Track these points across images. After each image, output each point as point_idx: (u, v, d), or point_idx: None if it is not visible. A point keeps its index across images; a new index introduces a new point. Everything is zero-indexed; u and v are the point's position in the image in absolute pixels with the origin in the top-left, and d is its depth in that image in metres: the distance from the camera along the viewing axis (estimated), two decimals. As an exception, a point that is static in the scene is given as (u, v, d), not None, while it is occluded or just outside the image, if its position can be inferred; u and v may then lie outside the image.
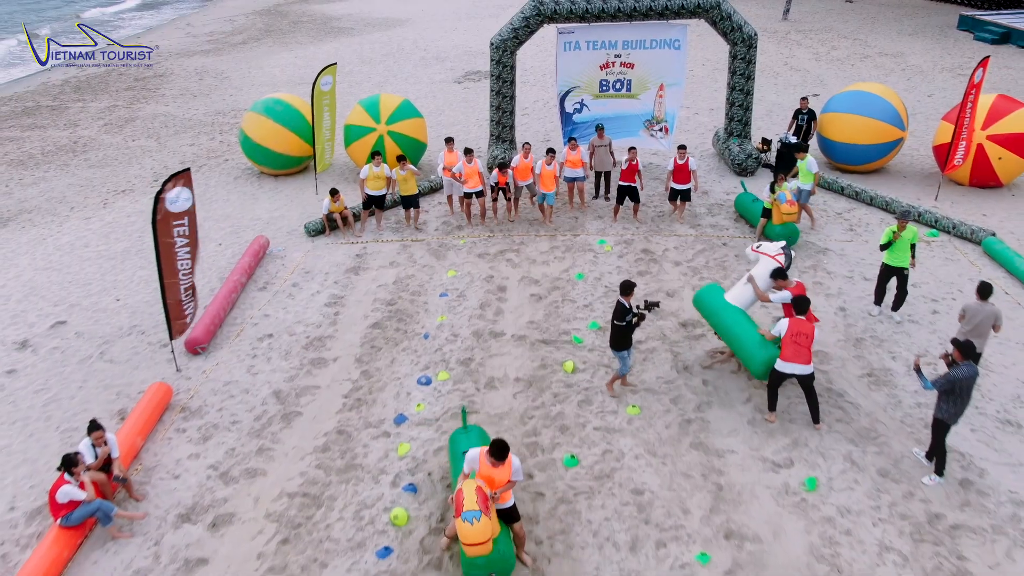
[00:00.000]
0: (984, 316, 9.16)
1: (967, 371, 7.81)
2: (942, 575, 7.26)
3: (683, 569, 7.36)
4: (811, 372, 8.92)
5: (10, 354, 11.39)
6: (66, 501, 7.61)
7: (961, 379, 7.77)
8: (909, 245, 11.06)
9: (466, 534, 6.55)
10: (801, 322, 8.86)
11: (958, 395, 7.87)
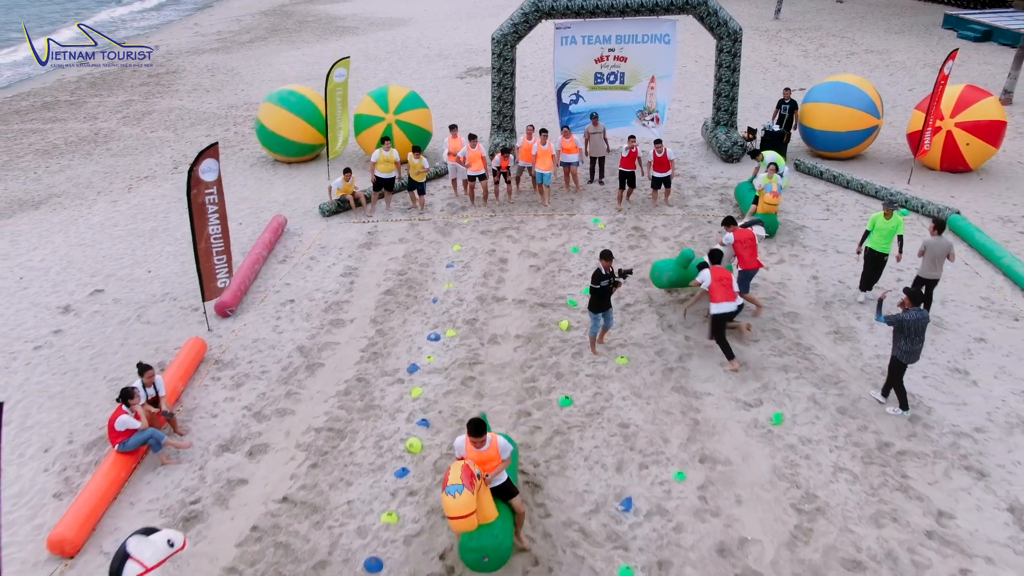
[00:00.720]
0: (940, 248, 10.80)
1: (915, 315, 8.93)
2: (887, 489, 8.37)
3: (662, 485, 8.47)
4: (740, 305, 10.53)
5: (55, 317, 12.50)
6: (123, 429, 8.71)
7: (909, 321, 8.90)
8: (895, 234, 11.51)
9: (449, 507, 6.56)
10: (720, 269, 10.41)
11: (907, 335, 8.99)
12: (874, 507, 8.13)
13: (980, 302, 12.16)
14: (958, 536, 7.76)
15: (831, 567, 7.42)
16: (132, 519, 8.22)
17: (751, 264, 11.40)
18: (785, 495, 8.31)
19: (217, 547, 7.85)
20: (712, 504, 8.20)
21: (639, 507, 8.18)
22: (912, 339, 9.03)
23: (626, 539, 7.79)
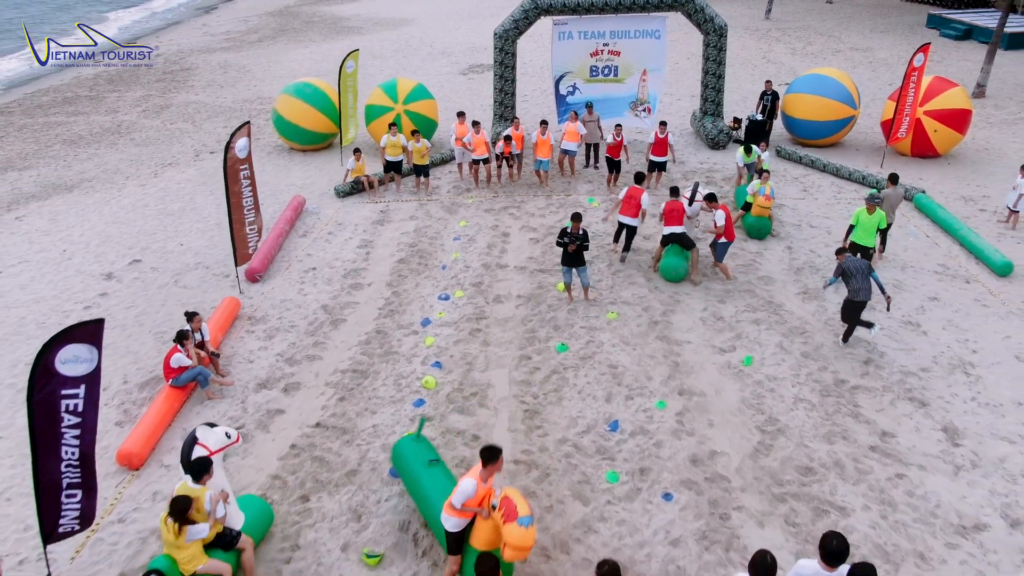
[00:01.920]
0: (895, 196, 13.07)
1: (851, 260, 10.53)
2: (840, 415, 9.67)
3: (645, 412, 9.78)
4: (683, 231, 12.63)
5: (99, 283, 13.79)
6: (177, 366, 10.01)
7: (849, 266, 10.34)
8: (876, 228, 12.29)
9: (523, 537, 6.27)
10: (674, 201, 12.77)
11: (852, 276, 10.48)
12: (827, 428, 9.43)
13: (937, 268, 13.47)
14: (897, 450, 9.06)
15: (787, 472, 8.71)
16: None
17: (729, 236, 12.73)
18: (751, 420, 9.62)
19: (262, 461, 9.14)
20: (688, 426, 9.51)
21: (624, 428, 9.49)
22: (857, 278, 10.49)
23: (613, 452, 9.09)
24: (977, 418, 9.60)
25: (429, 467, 7.85)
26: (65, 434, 6.88)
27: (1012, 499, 8.31)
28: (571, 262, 11.89)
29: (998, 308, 12.13)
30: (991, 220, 15.30)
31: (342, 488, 8.66)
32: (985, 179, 17.47)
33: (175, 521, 6.62)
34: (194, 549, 6.77)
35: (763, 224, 14.54)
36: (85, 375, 6.92)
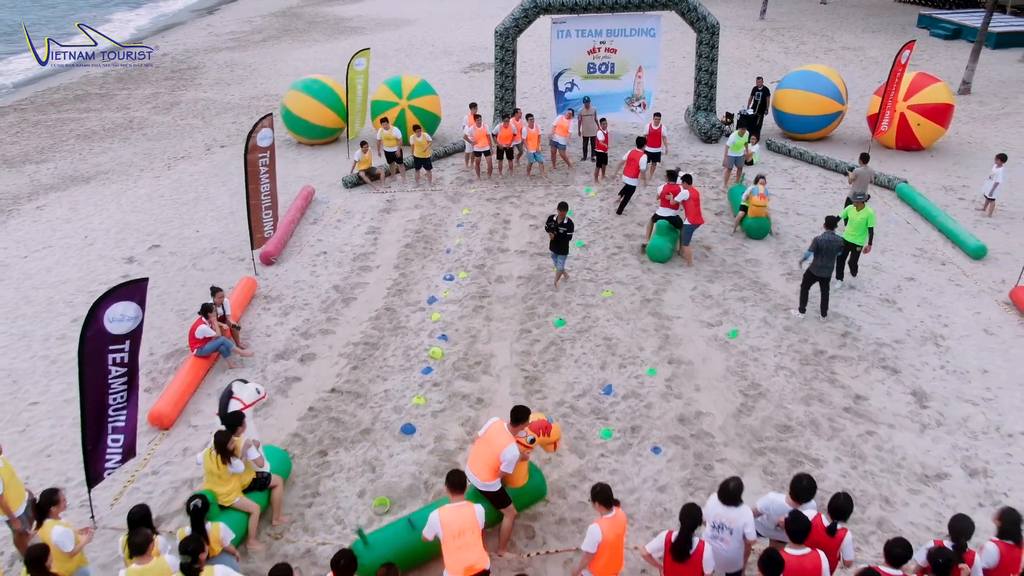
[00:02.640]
0: (865, 173, 14.12)
1: (826, 236, 11.24)
2: (818, 381, 10.43)
3: (637, 378, 10.54)
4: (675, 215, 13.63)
5: (121, 266, 14.53)
6: (201, 337, 10.76)
7: (821, 241, 11.12)
8: (865, 226, 12.61)
9: (558, 428, 7.85)
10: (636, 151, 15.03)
11: (821, 253, 11.28)
12: (805, 392, 10.19)
13: (915, 251, 14.24)
14: (869, 411, 9.82)
15: (766, 430, 9.47)
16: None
17: (696, 220, 13.41)
18: (735, 385, 10.38)
19: (282, 422, 9.89)
20: (676, 390, 10.27)
21: (617, 392, 10.25)
22: (823, 256, 11.29)
23: (607, 412, 9.85)
24: (944, 383, 10.36)
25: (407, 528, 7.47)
26: (112, 384, 7.64)
27: (972, 453, 9.07)
28: (556, 249, 12.65)
29: (970, 287, 12.89)
30: (969, 208, 16.07)
31: (357, 444, 9.41)
32: (966, 170, 18.23)
33: (219, 453, 7.38)
34: (234, 484, 7.56)
35: (762, 224, 14.76)
36: (130, 332, 7.68)
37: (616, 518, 6.33)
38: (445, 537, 6.44)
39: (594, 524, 6.26)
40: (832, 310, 12.05)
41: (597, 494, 6.32)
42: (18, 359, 11.61)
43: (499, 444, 7.24)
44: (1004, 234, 14.81)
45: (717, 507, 6.40)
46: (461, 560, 6.36)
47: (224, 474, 7.49)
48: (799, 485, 6.44)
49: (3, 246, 15.65)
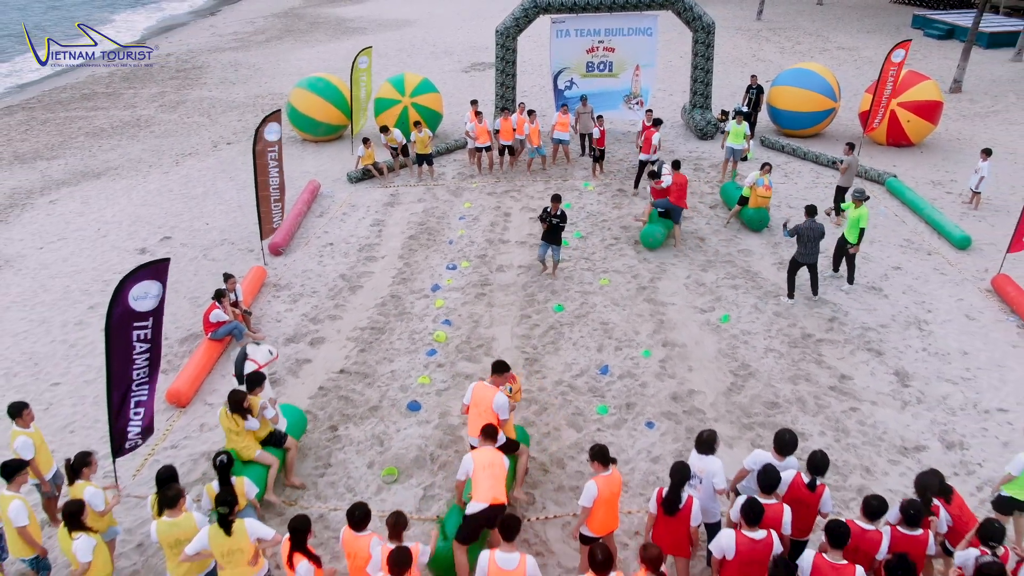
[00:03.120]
0: (854, 162, 14.87)
1: (808, 223, 11.84)
2: (805, 363, 10.92)
3: (632, 359, 11.02)
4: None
5: (134, 256, 15.01)
6: (215, 321, 11.24)
7: (803, 228, 11.71)
8: (857, 225, 12.65)
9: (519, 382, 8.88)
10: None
11: (803, 240, 11.81)
12: (793, 372, 10.68)
13: (902, 242, 14.73)
14: (853, 389, 10.31)
15: (755, 407, 9.96)
16: (225, 385, 10.74)
17: (679, 203, 14.11)
18: (726, 366, 10.86)
19: (294, 399, 10.36)
20: (670, 370, 10.75)
21: (614, 372, 10.73)
22: (806, 244, 11.82)
23: (603, 391, 10.34)
24: (926, 364, 10.85)
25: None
26: (136, 360, 8.11)
27: (950, 427, 9.56)
28: (548, 239, 13.07)
29: (954, 276, 13.38)
30: (956, 201, 16.56)
31: (366, 420, 9.90)
32: (954, 166, 18.72)
33: (234, 412, 7.90)
34: (249, 439, 8.09)
35: (762, 215, 14.95)
36: (152, 309, 8.15)
37: (612, 476, 6.80)
38: (476, 469, 7.03)
39: (591, 481, 6.73)
40: (820, 296, 12.55)
41: (595, 453, 6.79)
42: (38, 343, 12.10)
43: (487, 399, 7.81)
44: (989, 226, 15.29)
45: (692, 458, 6.90)
46: (489, 488, 6.95)
47: (241, 431, 8.04)
48: (782, 439, 6.92)
49: (19, 238, 16.14)
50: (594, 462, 6.79)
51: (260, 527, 6.48)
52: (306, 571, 6.05)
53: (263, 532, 6.45)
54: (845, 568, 5.83)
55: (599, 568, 5.53)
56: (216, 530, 6.29)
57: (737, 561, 6.09)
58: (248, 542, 6.36)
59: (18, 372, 11.30)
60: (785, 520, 6.35)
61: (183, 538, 6.48)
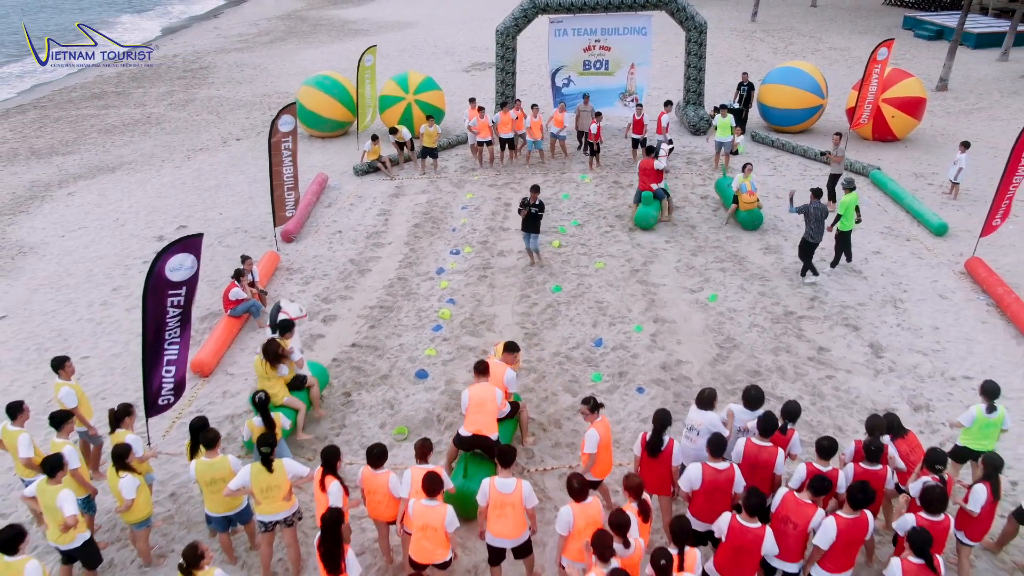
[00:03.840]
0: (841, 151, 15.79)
1: (815, 204, 12.55)
2: (786, 336, 11.69)
3: (625, 334, 11.79)
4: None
5: (152, 243, 15.77)
6: (234, 299, 12.01)
7: (811, 209, 12.46)
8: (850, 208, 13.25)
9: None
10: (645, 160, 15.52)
11: (812, 220, 12.57)
12: (774, 345, 11.45)
13: (883, 229, 15.50)
14: (830, 360, 11.08)
15: (738, 375, 10.72)
16: (245, 357, 11.52)
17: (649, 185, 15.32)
18: (712, 339, 11.63)
19: (309, 370, 11.11)
20: (659, 343, 11.52)
21: (607, 345, 11.51)
22: (815, 223, 12.52)
23: (597, 361, 11.11)
24: (899, 338, 11.62)
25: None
26: (169, 322, 8.88)
27: (918, 392, 10.32)
28: (528, 228, 13.69)
29: (931, 260, 14.16)
30: (937, 192, 17.33)
31: (377, 387, 10.66)
32: (937, 159, 19.51)
33: (267, 360, 8.71)
34: (279, 386, 8.99)
35: (755, 216, 15.38)
36: (186, 279, 8.92)
37: (603, 420, 7.56)
38: (469, 405, 8.05)
39: (591, 428, 7.47)
40: (803, 277, 13.30)
41: (586, 400, 7.53)
42: (66, 321, 12.86)
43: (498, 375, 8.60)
44: (967, 215, 16.06)
45: (693, 412, 7.65)
46: (474, 422, 8.03)
47: (272, 377, 8.91)
48: (748, 395, 7.67)
49: (41, 227, 16.91)
50: (585, 406, 7.51)
51: (297, 466, 7.27)
52: (336, 491, 6.82)
53: (299, 470, 7.25)
54: (809, 507, 6.57)
55: (576, 495, 6.32)
56: (258, 468, 7.05)
57: (703, 490, 6.85)
58: (286, 479, 7.13)
59: (49, 347, 12.05)
60: (779, 462, 7.10)
61: (219, 477, 7.23)
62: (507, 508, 6.66)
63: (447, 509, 6.58)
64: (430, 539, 6.53)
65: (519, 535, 6.80)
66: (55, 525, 7.00)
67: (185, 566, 6.02)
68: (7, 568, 6.23)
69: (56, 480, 6.98)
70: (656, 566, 5.66)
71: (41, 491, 7.01)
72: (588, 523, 6.35)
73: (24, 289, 14.06)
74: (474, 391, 8.23)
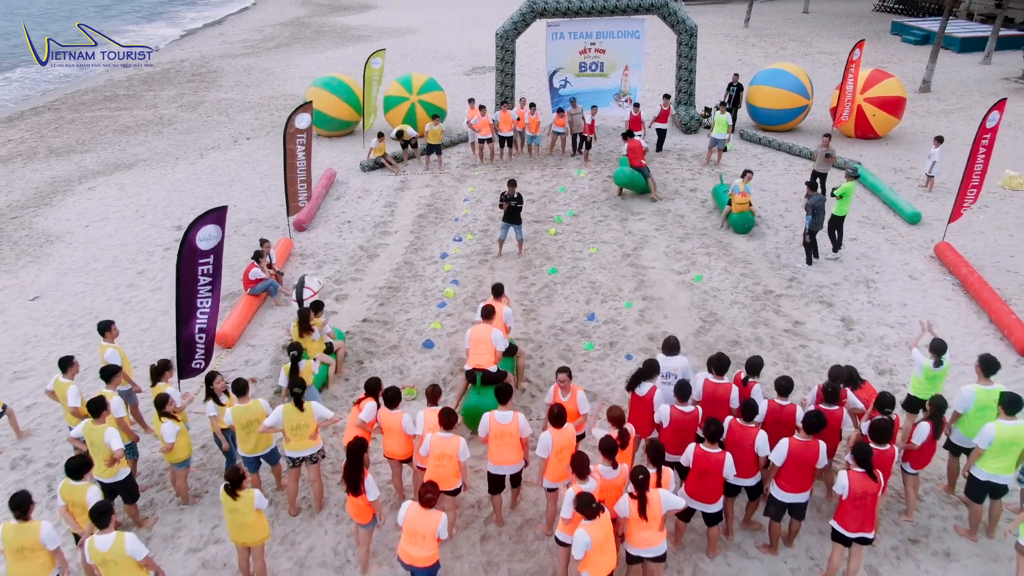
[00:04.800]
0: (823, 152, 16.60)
1: (816, 197, 13.58)
2: (765, 312, 12.64)
3: (615, 309, 12.74)
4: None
5: (172, 232, 16.73)
6: (254, 278, 12.96)
7: (814, 202, 13.51)
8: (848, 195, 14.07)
9: None
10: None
11: (814, 212, 13.54)
12: (753, 319, 12.40)
13: (861, 218, 16.46)
14: (804, 332, 12.03)
15: (719, 344, 11.66)
16: (264, 331, 12.46)
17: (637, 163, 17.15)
18: (696, 314, 12.58)
19: (324, 342, 12.05)
20: (647, 318, 12.47)
21: (599, 319, 12.46)
22: (817, 213, 13.52)
23: (590, 333, 12.06)
24: (869, 313, 12.57)
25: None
26: (200, 290, 9.82)
27: (883, 359, 11.27)
28: (509, 219, 14.57)
29: (903, 245, 15.12)
30: (913, 185, 18.32)
31: (387, 355, 11.61)
32: (916, 156, 20.49)
33: (300, 327, 9.75)
34: (311, 346, 10.16)
35: (746, 219, 15.67)
36: (213, 248, 9.87)
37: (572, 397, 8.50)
38: (470, 342, 9.51)
39: (580, 391, 8.37)
40: (783, 261, 14.27)
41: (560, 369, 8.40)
42: (96, 301, 13.80)
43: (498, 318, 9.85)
44: (940, 205, 17.02)
45: (663, 360, 8.59)
46: (474, 357, 9.53)
47: (308, 341, 9.88)
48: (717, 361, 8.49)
49: (66, 218, 17.86)
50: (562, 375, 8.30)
51: (323, 409, 8.25)
52: (371, 408, 7.85)
53: (325, 413, 8.22)
54: (752, 429, 7.52)
55: (554, 421, 7.38)
56: (290, 408, 8.02)
57: (671, 428, 7.81)
58: (313, 419, 8.11)
59: (81, 323, 12.99)
60: (733, 396, 8.07)
61: (253, 419, 8.18)
62: (506, 437, 7.63)
63: (460, 440, 7.52)
64: (445, 467, 7.49)
65: (517, 462, 7.75)
66: (100, 461, 7.90)
67: (230, 486, 6.94)
68: (73, 491, 7.16)
69: (100, 420, 7.89)
70: (635, 480, 6.60)
71: (88, 431, 7.92)
72: (564, 446, 7.31)
73: (54, 273, 15.00)
74: (473, 332, 9.61)
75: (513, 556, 7.95)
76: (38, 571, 6.77)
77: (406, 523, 6.68)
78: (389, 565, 7.85)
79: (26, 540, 6.68)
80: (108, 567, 6.54)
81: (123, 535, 6.55)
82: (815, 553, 7.94)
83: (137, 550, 6.53)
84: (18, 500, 6.72)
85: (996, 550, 7.91)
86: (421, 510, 6.63)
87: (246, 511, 7.14)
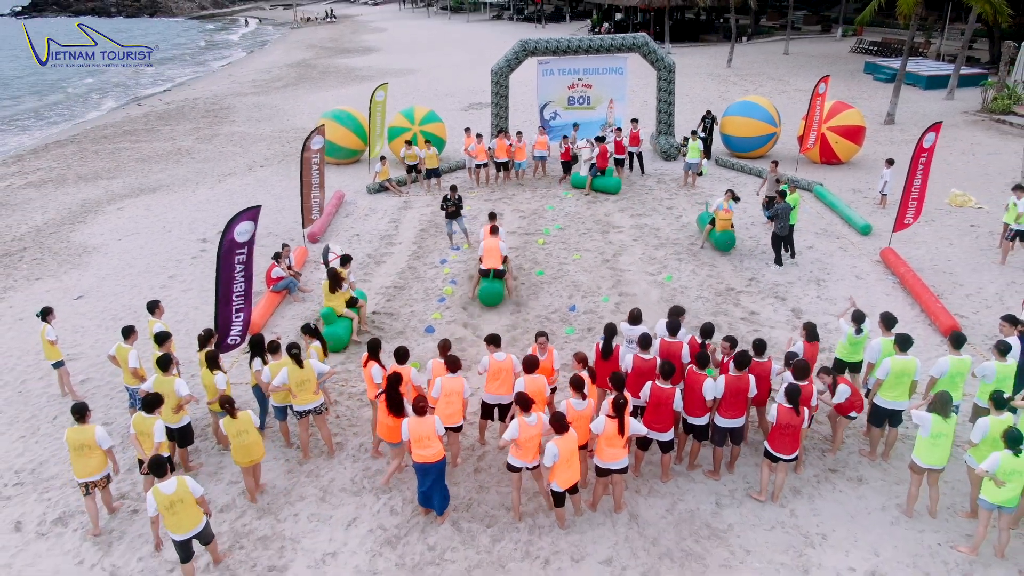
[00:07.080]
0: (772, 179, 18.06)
1: (782, 205, 15.42)
2: (725, 304, 14.40)
3: (594, 303, 14.52)
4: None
5: (198, 244, 18.53)
6: (275, 276, 14.72)
7: (780, 209, 15.30)
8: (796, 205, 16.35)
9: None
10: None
11: (779, 218, 15.39)
12: (714, 310, 14.15)
13: (818, 231, 18.32)
14: (757, 319, 13.78)
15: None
16: (285, 322, 14.17)
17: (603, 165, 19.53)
18: (665, 307, 14.25)
19: (338, 330, 13.76)
20: (622, 309, 14.21)
21: (580, 310, 14.22)
22: (782, 220, 15.34)
23: (571, 320, 13.81)
24: (817, 305, 14.33)
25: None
26: (236, 277, 11.57)
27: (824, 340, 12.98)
28: (451, 217, 17.14)
29: (854, 252, 16.94)
30: (869, 203, 20.22)
31: (395, 339, 13.31)
32: (874, 179, 22.33)
33: (330, 282, 11.72)
34: (339, 302, 12.35)
35: (728, 237, 16.64)
36: (247, 240, 11.64)
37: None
38: (484, 249, 14.34)
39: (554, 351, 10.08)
40: (745, 265, 16.06)
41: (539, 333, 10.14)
42: (134, 300, 15.52)
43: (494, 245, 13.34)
44: (891, 220, 18.70)
45: (626, 329, 10.33)
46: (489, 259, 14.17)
47: (335, 297, 11.76)
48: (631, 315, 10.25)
49: (99, 232, 19.68)
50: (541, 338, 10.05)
51: (320, 366, 9.94)
52: (377, 371, 9.49)
53: (322, 368, 9.93)
54: (701, 376, 9.20)
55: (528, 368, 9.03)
56: (293, 366, 9.68)
57: (634, 373, 9.50)
58: (313, 376, 9.80)
59: (122, 317, 14.68)
60: (683, 352, 9.79)
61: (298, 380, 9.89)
62: (502, 373, 9.38)
63: (463, 380, 9.25)
64: (452, 404, 9.19)
65: (509, 394, 9.45)
66: (168, 408, 9.55)
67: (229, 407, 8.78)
68: (143, 422, 8.83)
69: (168, 373, 9.58)
70: (616, 405, 8.30)
71: (158, 383, 9.59)
72: (535, 391, 9.00)
73: (94, 277, 16.76)
74: (487, 243, 14.20)
75: (500, 483, 9.59)
76: (95, 466, 8.63)
77: (411, 433, 8.37)
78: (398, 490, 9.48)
79: (84, 439, 8.52)
80: (175, 507, 7.78)
81: (183, 477, 7.96)
82: (750, 479, 9.59)
83: (196, 488, 7.93)
84: (78, 407, 8.73)
85: (900, 475, 9.56)
86: (418, 419, 8.34)
87: (249, 429, 8.85)
